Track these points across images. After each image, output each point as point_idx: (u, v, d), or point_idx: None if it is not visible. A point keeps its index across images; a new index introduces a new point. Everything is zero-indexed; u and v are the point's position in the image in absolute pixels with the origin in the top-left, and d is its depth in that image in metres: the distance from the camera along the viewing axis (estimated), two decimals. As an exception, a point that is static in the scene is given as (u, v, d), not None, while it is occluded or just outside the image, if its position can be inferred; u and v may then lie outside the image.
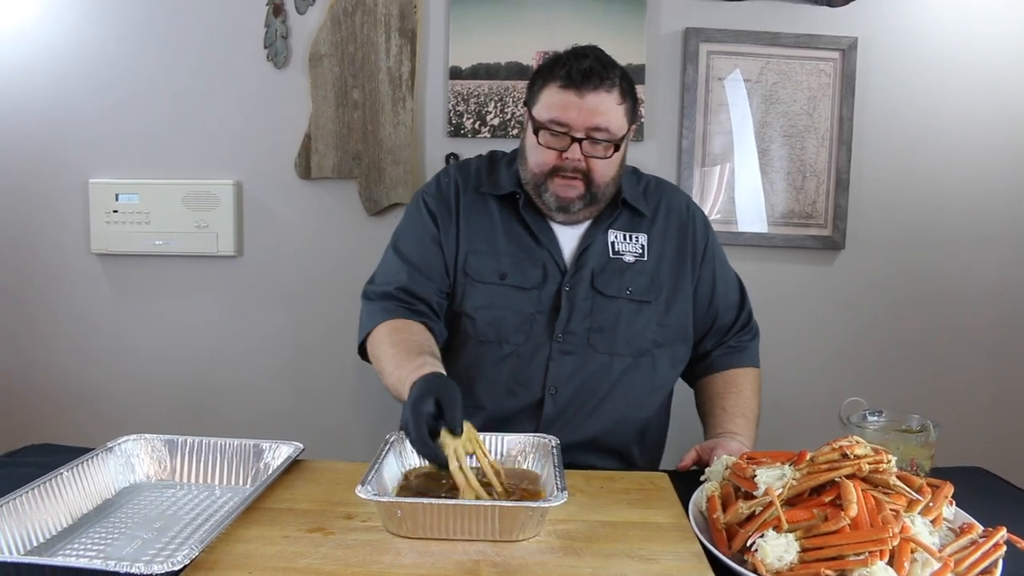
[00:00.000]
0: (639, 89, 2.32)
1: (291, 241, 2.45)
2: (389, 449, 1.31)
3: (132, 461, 1.40)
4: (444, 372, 1.39)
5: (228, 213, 2.41)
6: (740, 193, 2.44)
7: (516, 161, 1.74)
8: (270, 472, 1.35)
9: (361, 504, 1.18)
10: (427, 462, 1.27)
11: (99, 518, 1.23)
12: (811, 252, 2.46)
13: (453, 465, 1.20)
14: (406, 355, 1.48)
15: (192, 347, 2.49)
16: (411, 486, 1.29)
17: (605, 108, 1.57)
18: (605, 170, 1.62)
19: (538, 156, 1.62)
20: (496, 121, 2.38)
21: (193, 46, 2.39)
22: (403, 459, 1.35)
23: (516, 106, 2.38)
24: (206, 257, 2.44)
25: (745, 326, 1.85)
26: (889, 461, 1.19)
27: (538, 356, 1.66)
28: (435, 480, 1.30)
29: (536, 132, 1.61)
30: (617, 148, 1.61)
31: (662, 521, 1.23)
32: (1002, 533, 1.13)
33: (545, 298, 1.67)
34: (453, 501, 1.12)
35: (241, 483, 1.40)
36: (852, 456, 1.18)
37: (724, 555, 1.11)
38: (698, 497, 1.29)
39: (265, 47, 2.38)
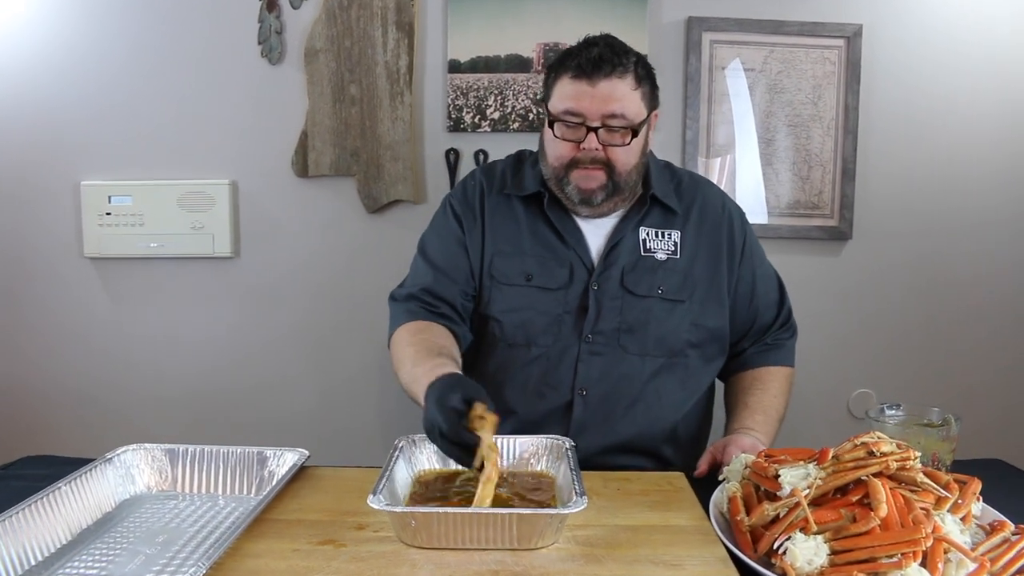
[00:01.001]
0: (641, 80, 2.31)
1: (289, 241, 2.41)
2: (399, 455, 1.27)
3: (132, 472, 1.35)
4: (461, 373, 1.36)
5: (224, 213, 2.36)
6: (745, 183, 2.40)
7: (538, 160, 1.71)
8: (275, 481, 1.31)
9: (372, 513, 1.14)
10: (453, 464, 1.25)
11: (100, 533, 1.19)
12: (818, 243, 2.43)
13: (486, 469, 1.16)
14: (425, 354, 1.47)
15: (189, 351, 2.44)
16: (423, 493, 1.25)
17: (619, 94, 1.54)
18: (626, 158, 1.58)
19: (556, 149, 1.59)
20: (496, 115, 2.34)
21: (186, 43, 2.34)
22: (413, 465, 1.32)
23: (517, 100, 2.33)
24: (202, 259, 2.40)
25: (784, 324, 1.82)
26: (916, 458, 1.16)
27: (567, 357, 1.63)
28: (447, 486, 1.26)
29: (552, 125, 1.58)
30: (636, 134, 1.57)
31: (683, 524, 1.19)
32: (1036, 530, 1.10)
33: (572, 298, 1.64)
34: (469, 510, 1.09)
35: (245, 492, 1.35)
36: (879, 453, 1.14)
37: (751, 559, 1.07)
38: (718, 498, 1.26)
39: (259, 43, 2.33)
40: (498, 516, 1.07)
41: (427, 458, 1.34)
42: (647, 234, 1.68)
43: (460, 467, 1.27)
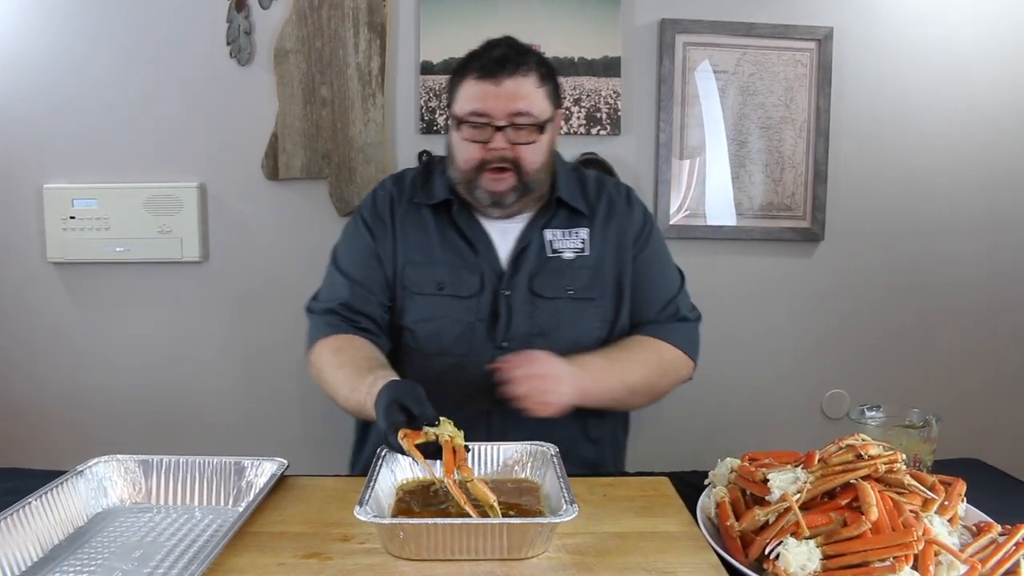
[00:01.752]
0: (616, 82, 2.31)
1: (259, 245, 2.36)
2: (382, 464, 1.25)
3: (105, 484, 1.31)
4: (398, 378, 1.37)
5: (192, 217, 2.31)
6: (715, 185, 2.40)
7: (447, 167, 1.70)
8: (253, 492, 1.28)
9: (357, 524, 1.11)
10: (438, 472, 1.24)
11: (73, 549, 1.14)
12: (790, 244, 2.44)
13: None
14: (356, 376, 1.46)
15: (157, 357, 2.39)
16: (407, 502, 1.23)
17: (524, 92, 1.55)
18: (533, 156, 1.59)
19: (464, 152, 1.59)
20: (469, 117, 2.32)
21: (152, 43, 2.28)
22: (395, 475, 1.29)
23: (490, 101, 2.31)
24: (170, 263, 2.35)
25: (676, 309, 1.75)
26: (902, 460, 1.16)
27: (482, 365, 1.59)
28: (432, 495, 1.24)
29: (458, 127, 1.58)
30: (542, 131, 1.58)
31: (672, 530, 1.18)
32: (1023, 532, 1.10)
33: (484, 305, 1.63)
34: (458, 520, 1.06)
35: (223, 504, 1.31)
36: (867, 456, 1.14)
37: (742, 564, 1.07)
38: (705, 503, 1.25)
39: (228, 43, 2.28)
40: (488, 526, 1.05)
41: (410, 466, 1.31)
42: (554, 235, 1.68)
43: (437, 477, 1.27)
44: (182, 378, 2.39)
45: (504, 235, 1.68)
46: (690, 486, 1.35)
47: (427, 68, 2.30)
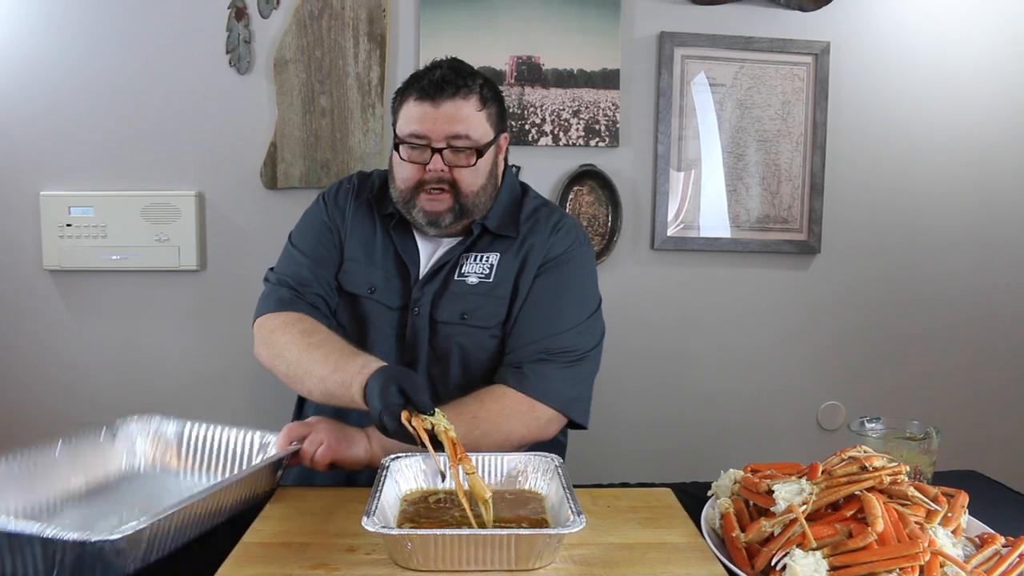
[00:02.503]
0: (614, 94, 2.32)
1: (257, 254, 2.35)
2: (387, 475, 1.24)
3: (135, 445, 1.40)
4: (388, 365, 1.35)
5: (190, 225, 2.31)
6: (710, 197, 2.42)
7: None
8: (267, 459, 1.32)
9: (362, 535, 1.10)
10: (440, 483, 1.27)
11: (90, 499, 1.20)
12: (787, 257, 2.46)
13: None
14: (341, 356, 1.42)
15: (153, 366, 2.37)
16: (412, 512, 1.22)
17: (463, 115, 1.54)
18: (471, 179, 1.58)
19: (402, 172, 1.59)
20: (469, 127, 2.32)
21: (152, 51, 2.28)
22: (399, 485, 1.29)
23: (489, 112, 2.32)
24: (167, 272, 2.34)
25: (537, 353, 1.57)
26: (906, 472, 1.17)
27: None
28: (436, 505, 1.24)
29: (397, 148, 1.58)
30: (480, 155, 1.57)
31: (677, 541, 1.18)
32: (1027, 543, 1.11)
33: (402, 321, 1.63)
34: (467, 531, 1.06)
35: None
36: (871, 468, 1.15)
37: (749, 575, 1.07)
38: (709, 514, 1.25)
39: (227, 52, 2.29)
40: (496, 537, 1.05)
41: (414, 477, 1.31)
42: (467, 259, 1.64)
43: (441, 486, 1.28)
44: (178, 387, 2.38)
45: (430, 256, 1.67)
46: (692, 497, 1.36)
47: (427, 79, 2.30)
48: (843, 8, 2.38)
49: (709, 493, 1.32)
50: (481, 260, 1.64)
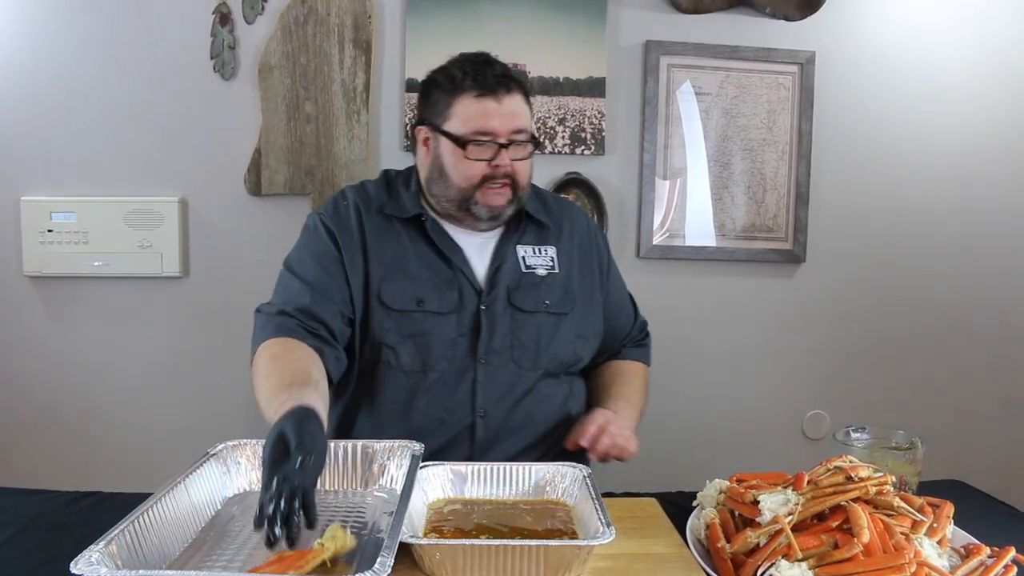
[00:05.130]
0: (600, 102, 2.32)
1: (241, 260, 2.34)
2: (413, 484, 1.23)
3: (231, 468, 1.33)
4: (309, 402, 1.23)
5: (173, 232, 2.29)
6: (696, 206, 2.42)
7: (413, 182, 1.70)
8: (386, 475, 1.33)
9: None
10: (466, 492, 1.32)
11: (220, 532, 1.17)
12: (772, 266, 2.46)
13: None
14: (276, 389, 1.34)
15: (136, 374, 2.35)
16: (439, 522, 1.22)
17: (521, 110, 1.59)
18: (527, 171, 1.64)
19: (466, 170, 1.58)
20: (454, 135, 2.32)
21: (135, 56, 2.26)
22: (427, 494, 1.29)
23: (475, 119, 2.31)
24: (150, 278, 2.31)
25: (641, 330, 1.91)
26: (891, 482, 1.17)
27: (464, 380, 1.61)
28: (463, 513, 1.25)
29: (463, 147, 1.57)
30: (536, 145, 1.64)
31: (663, 551, 1.18)
32: (1012, 554, 1.11)
33: (464, 320, 1.62)
34: (496, 542, 1.06)
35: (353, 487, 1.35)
36: (857, 479, 1.15)
37: (734, 587, 1.06)
38: (694, 524, 1.25)
39: (212, 58, 2.27)
40: (526, 548, 1.04)
41: (441, 486, 1.32)
42: (525, 252, 1.70)
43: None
44: (161, 394, 2.36)
45: (478, 251, 1.68)
46: (677, 507, 1.35)
47: (412, 85, 2.30)
48: (828, 18, 2.39)
49: (694, 503, 1.32)
50: (540, 253, 1.71)
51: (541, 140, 2.33)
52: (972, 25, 2.45)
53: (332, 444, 1.34)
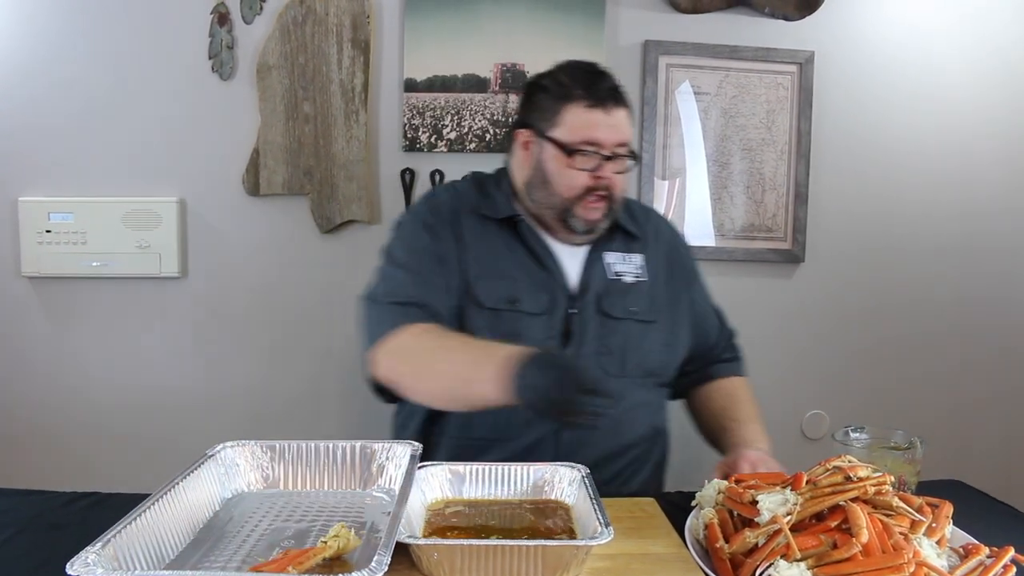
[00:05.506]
0: (599, 102, 2.31)
1: (239, 261, 2.34)
2: (412, 484, 1.23)
3: (231, 470, 1.32)
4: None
5: (171, 232, 2.29)
6: (695, 206, 2.42)
7: (505, 184, 1.69)
8: (385, 475, 1.32)
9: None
10: (464, 492, 1.31)
11: (219, 530, 1.17)
12: (771, 265, 2.46)
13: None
14: (478, 347, 1.45)
15: (134, 374, 2.35)
16: (437, 522, 1.22)
17: (626, 124, 1.59)
18: (624, 185, 1.64)
19: (570, 179, 1.58)
20: (453, 135, 2.32)
21: (133, 56, 2.26)
22: (425, 495, 1.28)
23: (474, 120, 2.31)
24: (148, 279, 2.31)
25: (729, 341, 1.87)
26: (890, 482, 1.16)
27: None
28: (462, 516, 1.24)
29: (570, 155, 1.56)
30: (635, 160, 1.63)
31: (661, 551, 1.17)
32: (1011, 554, 1.11)
33: (555, 323, 1.62)
34: (495, 542, 1.05)
35: (352, 488, 1.34)
36: (856, 478, 1.14)
37: (732, 587, 1.06)
38: (693, 524, 1.24)
39: (210, 58, 2.27)
40: (524, 548, 1.04)
41: (439, 486, 1.31)
42: (613, 259, 1.69)
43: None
44: (159, 395, 2.35)
45: (570, 256, 1.67)
46: (676, 507, 1.35)
47: (411, 86, 2.30)
48: (827, 18, 2.39)
49: (693, 503, 1.31)
50: (628, 260, 1.70)
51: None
52: (971, 25, 2.45)
53: (331, 444, 1.35)
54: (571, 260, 1.67)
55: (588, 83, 1.56)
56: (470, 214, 1.67)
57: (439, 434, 1.64)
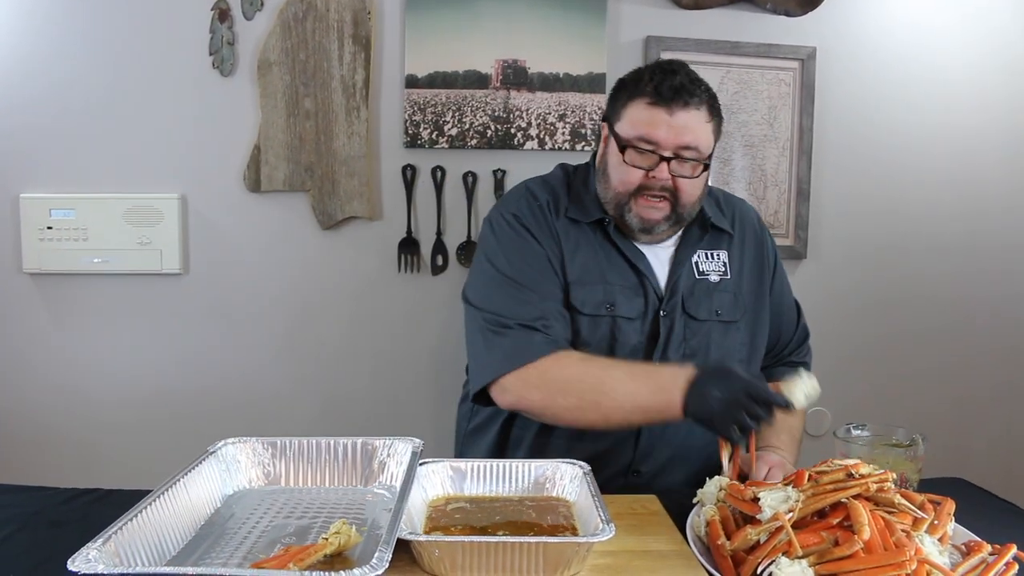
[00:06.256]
0: (600, 98, 2.32)
1: (240, 257, 2.34)
2: (412, 481, 1.23)
3: (232, 466, 1.32)
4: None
5: (173, 228, 2.28)
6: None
7: (592, 182, 1.66)
8: (386, 472, 1.33)
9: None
10: (465, 489, 1.31)
11: (220, 528, 1.17)
12: (773, 262, 2.45)
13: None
14: (648, 369, 1.51)
15: (135, 371, 2.35)
16: (439, 520, 1.22)
17: (694, 126, 1.51)
18: (692, 190, 1.56)
19: (623, 175, 1.55)
20: (454, 131, 2.31)
21: (133, 52, 2.25)
22: (427, 491, 1.28)
23: (475, 116, 2.31)
24: (149, 275, 2.31)
25: (802, 343, 1.83)
26: (892, 479, 1.16)
27: None
28: (464, 512, 1.25)
29: (623, 150, 1.53)
30: (706, 167, 1.56)
31: (663, 549, 1.17)
32: (1013, 551, 1.11)
33: (646, 326, 1.61)
34: (495, 539, 1.06)
35: (353, 484, 1.34)
36: (857, 475, 1.14)
37: (734, 584, 1.06)
38: (694, 521, 1.24)
39: (210, 54, 2.26)
40: (525, 545, 1.04)
41: (440, 483, 1.31)
42: (699, 256, 1.66)
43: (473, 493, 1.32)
44: (160, 392, 2.35)
45: (657, 256, 1.65)
46: (677, 504, 1.35)
47: (412, 82, 2.29)
48: (829, 13, 2.38)
49: (695, 500, 1.31)
50: (713, 258, 1.67)
51: (541, 137, 2.32)
52: (973, 21, 2.44)
53: (332, 441, 1.36)
54: (660, 260, 1.65)
55: (654, 79, 1.52)
56: (563, 217, 1.64)
57: (521, 428, 1.64)
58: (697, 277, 1.64)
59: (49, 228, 2.25)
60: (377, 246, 2.36)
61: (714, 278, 1.65)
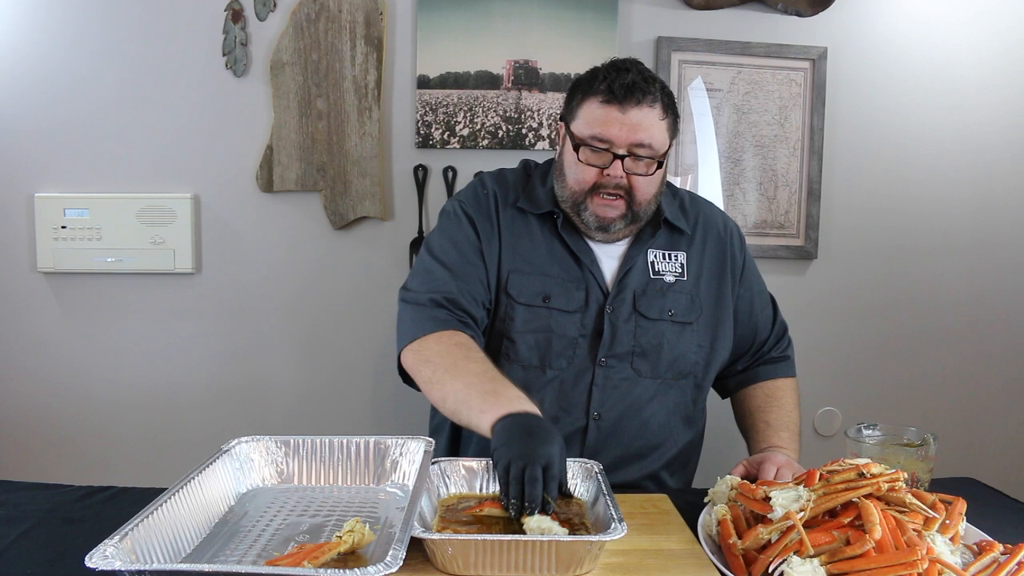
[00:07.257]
0: (612, 99, 2.31)
1: (252, 257, 2.35)
2: (425, 480, 1.24)
3: (246, 465, 1.33)
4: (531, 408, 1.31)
5: (186, 228, 2.30)
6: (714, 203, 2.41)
7: (550, 177, 1.67)
8: (399, 471, 1.34)
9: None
10: (477, 487, 1.33)
11: (233, 527, 1.18)
12: (784, 262, 2.45)
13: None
14: (492, 380, 1.40)
15: (148, 370, 2.36)
16: (450, 518, 1.23)
17: (648, 124, 1.51)
18: (647, 187, 1.57)
19: (578, 173, 1.56)
20: (466, 132, 2.32)
21: (147, 53, 2.27)
22: (439, 489, 1.29)
23: (486, 116, 2.32)
24: (162, 274, 2.33)
25: (780, 338, 1.83)
26: (904, 479, 1.16)
27: (581, 381, 1.60)
28: (473, 510, 1.25)
29: (576, 149, 1.54)
30: (660, 165, 1.56)
31: (674, 547, 1.17)
32: (1025, 551, 1.10)
33: (588, 321, 1.61)
34: (508, 537, 1.05)
35: (366, 483, 1.35)
36: (869, 475, 1.14)
37: (746, 583, 1.06)
38: (706, 520, 1.25)
39: (224, 54, 2.28)
40: (537, 543, 1.04)
41: (453, 482, 1.32)
42: (655, 256, 1.66)
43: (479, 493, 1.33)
44: (174, 390, 2.37)
45: (608, 253, 1.65)
46: (688, 503, 1.35)
47: (424, 82, 2.30)
48: (840, 14, 2.38)
49: (706, 499, 1.32)
50: (670, 259, 1.67)
51: (552, 137, 2.33)
52: (985, 20, 2.43)
53: (345, 440, 1.37)
54: (609, 257, 1.65)
55: (607, 78, 1.53)
56: (511, 207, 1.66)
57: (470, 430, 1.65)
58: (652, 276, 1.64)
59: (63, 227, 2.27)
60: (389, 246, 2.36)
61: (669, 279, 1.65)
